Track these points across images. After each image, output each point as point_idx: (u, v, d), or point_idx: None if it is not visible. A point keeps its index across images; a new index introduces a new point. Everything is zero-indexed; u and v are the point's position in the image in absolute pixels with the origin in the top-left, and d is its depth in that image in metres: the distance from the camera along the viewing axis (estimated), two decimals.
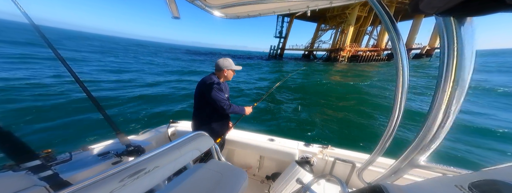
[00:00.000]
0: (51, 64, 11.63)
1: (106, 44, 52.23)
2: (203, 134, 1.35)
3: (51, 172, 0.96)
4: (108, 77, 10.50)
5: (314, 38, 43.13)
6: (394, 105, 0.90)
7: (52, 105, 5.81)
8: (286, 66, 25.43)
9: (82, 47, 32.11)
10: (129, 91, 8.09)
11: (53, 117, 5.10)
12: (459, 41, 0.58)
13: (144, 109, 6.19)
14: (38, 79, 8.24)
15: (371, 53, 34.14)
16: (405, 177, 1.05)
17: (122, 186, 0.73)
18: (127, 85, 9.24)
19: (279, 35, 45.34)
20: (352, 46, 33.62)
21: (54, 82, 7.95)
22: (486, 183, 0.55)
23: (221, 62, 1.73)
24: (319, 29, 42.62)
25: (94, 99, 1.26)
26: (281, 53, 48.38)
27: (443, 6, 0.40)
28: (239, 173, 1.25)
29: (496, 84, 11.61)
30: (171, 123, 2.39)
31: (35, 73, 9.38)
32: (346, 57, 32.78)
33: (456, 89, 0.64)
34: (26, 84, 7.32)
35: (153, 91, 8.55)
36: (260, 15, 1.47)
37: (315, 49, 42.77)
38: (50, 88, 7.19)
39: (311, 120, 6.01)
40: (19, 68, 10.01)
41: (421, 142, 0.78)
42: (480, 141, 4.54)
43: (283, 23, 44.60)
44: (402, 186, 0.71)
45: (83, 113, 5.33)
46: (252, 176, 2.19)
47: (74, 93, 6.77)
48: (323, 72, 20.90)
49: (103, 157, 1.44)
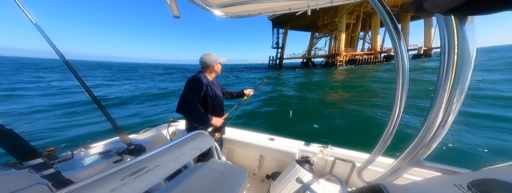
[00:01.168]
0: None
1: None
2: (203, 133, 1.35)
3: (53, 170, 0.97)
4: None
5: (310, 46, 44.58)
6: (394, 104, 0.90)
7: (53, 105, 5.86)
8: (285, 74, 25.65)
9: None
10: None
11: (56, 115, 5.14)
12: (460, 40, 0.58)
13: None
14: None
15: (368, 57, 35.02)
16: (404, 177, 1.05)
17: (124, 184, 0.74)
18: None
19: (276, 46, 46.97)
20: (348, 51, 34.81)
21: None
22: (485, 182, 0.55)
23: (207, 59, 1.66)
24: (313, 38, 44.19)
25: (96, 99, 1.27)
26: (280, 63, 49.81)
27: (448, 5, 0.40)
28: (239, 172, 1.26)
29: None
30: (172, 122, 2.40)
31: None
32: (343, 61, 33.93)
33: (457, 89, 0.64)
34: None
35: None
36: (260, 15, 1.47)
37: (313, 56, 44.20)
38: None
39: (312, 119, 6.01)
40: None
41: (421, 141, 0.79)
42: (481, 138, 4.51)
43: (279, 34, 46.27)
44: (402, 185, 0.72)
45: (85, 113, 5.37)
46: (252, 175, 2.20)
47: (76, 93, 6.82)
48: (322, 75, 21.02)
49: (104, 156, 1.45)
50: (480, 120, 5.17)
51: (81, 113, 5.64)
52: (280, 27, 46.14)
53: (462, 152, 3.77)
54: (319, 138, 4.69)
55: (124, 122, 5.30)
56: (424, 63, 31.20)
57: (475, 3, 0.36)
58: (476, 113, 5.73)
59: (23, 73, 22.15)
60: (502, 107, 6.28)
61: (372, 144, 1.06)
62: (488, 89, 8.55)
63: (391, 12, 0.78)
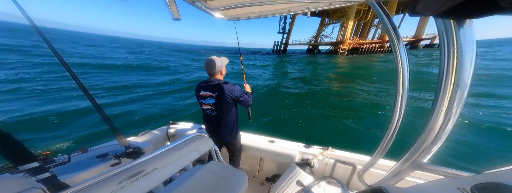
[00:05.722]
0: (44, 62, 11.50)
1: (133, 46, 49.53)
2: (202, 136, 1.34)
3: (49, 174, 0.95)
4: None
5: (318, 33, 43.69)
6: (394, 106, 0.90)
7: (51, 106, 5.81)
8: (290, 58, 25.69)
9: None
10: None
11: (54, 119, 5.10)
12: (459, 43, 0.58)
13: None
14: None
15: (374, 46, 34.26)
16: (406, 179, 1.05)
17: (121, 188, 0.72)
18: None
19: (282, 31, 46.30)
20: (353, 39, 34.23)
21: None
22: (488, 186, 0.55)
23: (216, 64, 1.62)
24: (323, 24, 43.32)
25: (93, 100, 1.25)
26: (284, 49, 49.87)
27: (438, 8, 0.40)
28: (239, 175, 1.24)
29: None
30: (171, 124, 2.39)
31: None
32: (346, 50, 33.41)
33: (457, 91, 0.64)
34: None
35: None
36: (260, 17, 1.47)
37: (318, 43, 43.59)
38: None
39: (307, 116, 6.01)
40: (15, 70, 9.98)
41: (422, 144, 0.78)
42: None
43: (286, 19, 45.60)
44: (404, 189, 0.71)
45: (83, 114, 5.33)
46: (252, 178, 2.17)
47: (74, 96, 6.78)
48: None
49: (102, 159, 1.43)
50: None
51: (79, 115, 5.60)
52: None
53: (465, 155, 3.77)
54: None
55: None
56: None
57: (465, 7, 0.36)
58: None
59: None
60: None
61: (374, 147, 1.06)
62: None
63: (390, 16, 0.79)
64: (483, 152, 3.97)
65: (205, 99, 1.69)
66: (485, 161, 3.61)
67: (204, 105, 1.72)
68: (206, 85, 1.67)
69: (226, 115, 1.71)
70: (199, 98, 1.73)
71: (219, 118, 1.72)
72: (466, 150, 3.92)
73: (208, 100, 1.68)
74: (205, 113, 1.77)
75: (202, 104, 1.74)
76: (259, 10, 1.38)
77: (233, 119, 1.77)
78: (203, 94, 1.68)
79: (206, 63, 1.64)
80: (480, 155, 3.85)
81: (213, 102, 1.67)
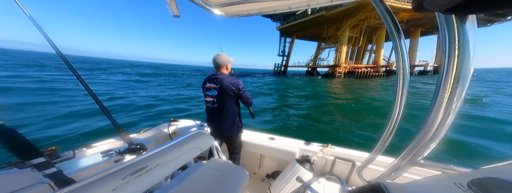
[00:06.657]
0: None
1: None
2: (203, 133, 1.36)
3: (55, 170, 0.98)
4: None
5: (316, 56, 45.81)
6: (394, 103, 0.90)
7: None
8: (289, 79, 25.81)
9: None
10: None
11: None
12: (460, 39, 0.58)
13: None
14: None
15: (369, 70, 36.08)
16: (404, 175, 1.06)
17: (125, 183, 0.74)
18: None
19: (282, 53, 48.95)
20: (348, 63, 36.25)
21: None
22: (485, 181, 0.55)
23: (222, 59, 1.72)
24: (320, 48, 45.38)
25: (97, 99, 1.27)
26: (284, 70, 51.81)
27: (447, 3, 0.39)
28: (239, 172, 1.26)
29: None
30: (172, 122, 2.41)
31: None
32: (342, 73, 35.38)
33: (457, 88, 0.64)
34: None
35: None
36: (260, 14, 1.46)
37: (316, 66, 45.50)
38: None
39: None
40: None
41: (421, 140, 0.78)
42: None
43: (286, 43, 48.20)
44: (402, 184, 0.72)
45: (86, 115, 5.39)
46: (253, 174, 2.20)
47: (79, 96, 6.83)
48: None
49: (106, 155, 1.46)
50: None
51: (84, 114, 5.66)
52: (287, 36, 48.02)
53: (462, 150, 3.77)
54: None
55: None
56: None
57: (475, 1, 0.36)
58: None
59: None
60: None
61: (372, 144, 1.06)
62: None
63: (391, 11, 0.78)
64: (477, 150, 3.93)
65: (209, 91, 1.74)
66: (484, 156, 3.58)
67: (207, 96, 1.77)
68: (212, 78, 1.73)
69: (227, 108, 1.74)
70: (204, 90, 1.78)
71: (221, 111, 1.75)
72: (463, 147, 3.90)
73: (211, 91, 1.73)
74: (207, 105, 1.81)
75: (206, 96, 1.79)
76: (259, 7, 1.37)
77: (235, 113, 1.79)
78: (208, 86, 1.74)
79: (214, 57, 1.74)
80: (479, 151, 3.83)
81: (216, 94, 1.72)
